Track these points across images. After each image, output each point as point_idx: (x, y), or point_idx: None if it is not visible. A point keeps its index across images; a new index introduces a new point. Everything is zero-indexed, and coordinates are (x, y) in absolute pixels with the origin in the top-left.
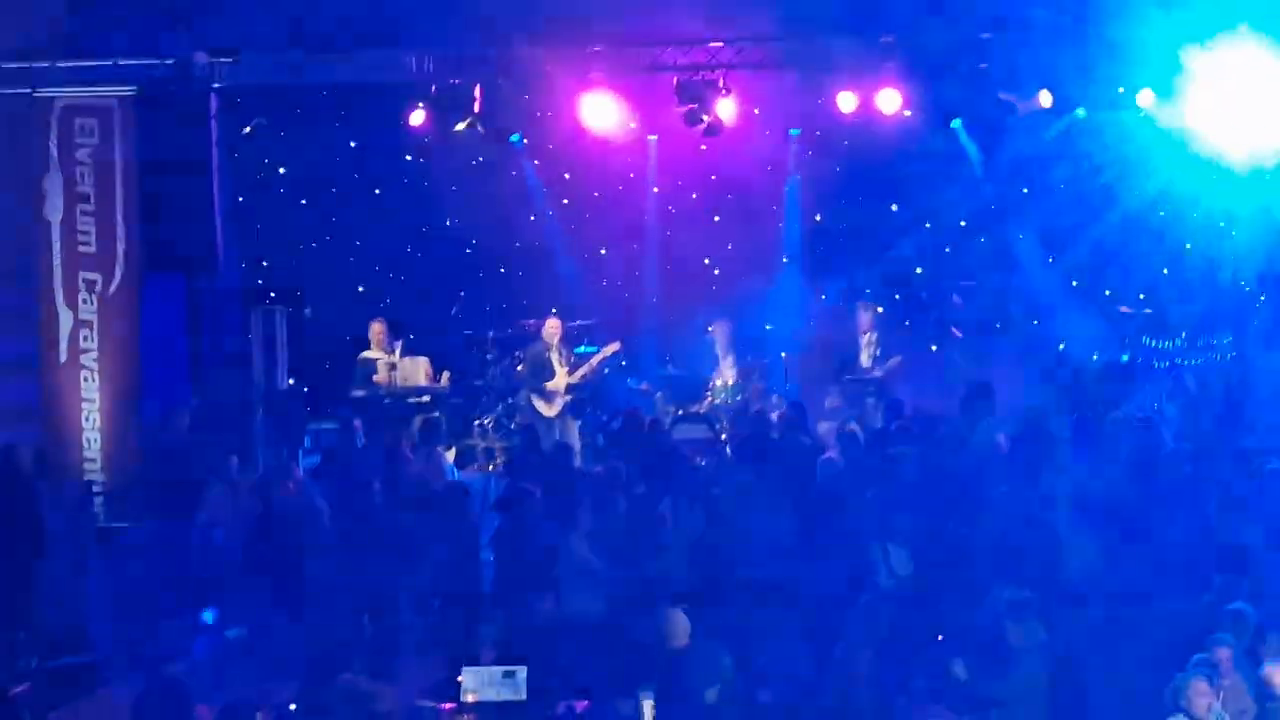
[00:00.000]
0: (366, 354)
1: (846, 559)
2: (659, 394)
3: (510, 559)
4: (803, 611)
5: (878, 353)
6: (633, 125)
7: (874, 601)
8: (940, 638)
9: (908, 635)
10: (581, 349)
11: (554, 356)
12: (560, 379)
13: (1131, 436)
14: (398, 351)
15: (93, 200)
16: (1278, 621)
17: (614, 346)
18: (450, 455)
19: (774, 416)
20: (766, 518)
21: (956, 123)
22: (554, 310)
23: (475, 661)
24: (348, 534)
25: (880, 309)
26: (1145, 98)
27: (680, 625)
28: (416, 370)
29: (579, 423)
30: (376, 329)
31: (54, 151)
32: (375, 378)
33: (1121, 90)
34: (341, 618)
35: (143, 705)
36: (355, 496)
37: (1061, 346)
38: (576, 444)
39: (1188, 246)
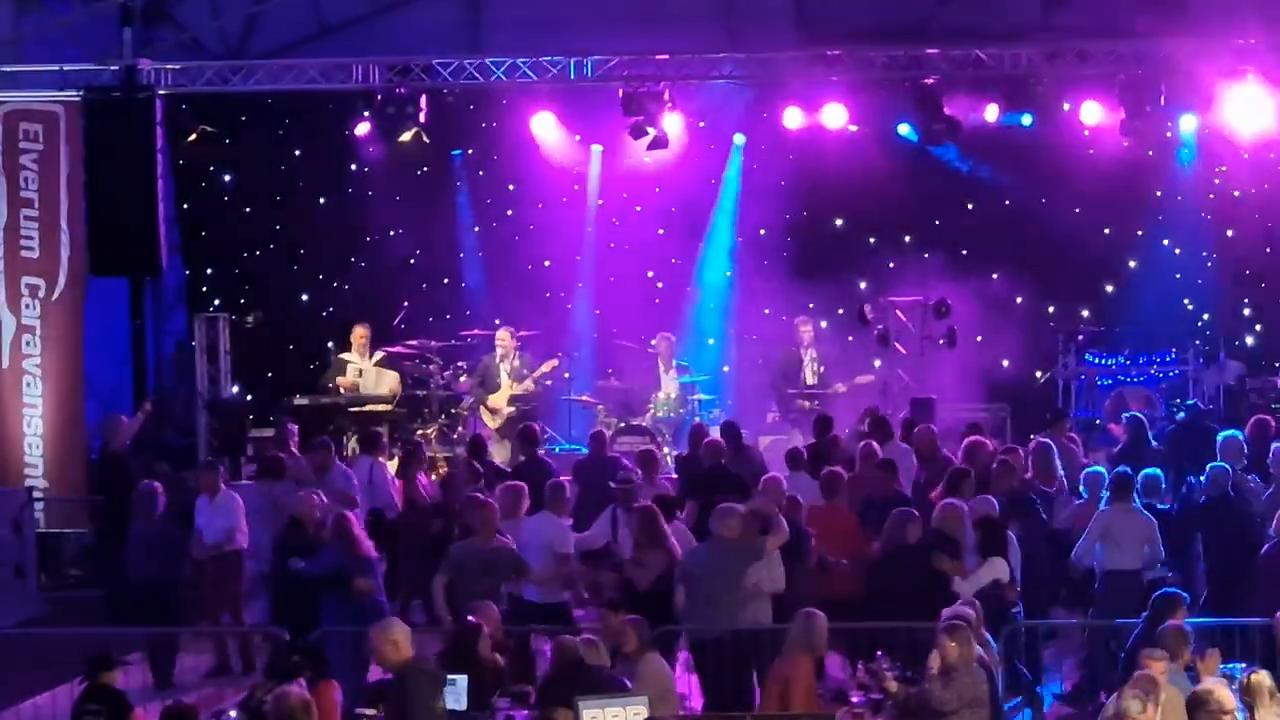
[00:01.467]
0: (345, 355)
1: None
2: (601, 406)
3: None
4: None
5: (820, 369)
6: (577, 138)
7: None
8: None
9: None
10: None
11: (503, 368)
12: (505, 391)
13: None
14: (372, 359)
15: (37, 205)
16: None
17: (551, 363)
18: (393, 466)
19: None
20: None
21: (906, 130)
22: (497, 321)
23: None
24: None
25: (824, 323)
26: (1091, 111)
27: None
28: (381, 383)
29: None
30: (359, 334)
31: None
32: (340, 379)
33: (1067, 106)
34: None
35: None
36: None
37: (1005, 364)
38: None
39: (1131, 264)
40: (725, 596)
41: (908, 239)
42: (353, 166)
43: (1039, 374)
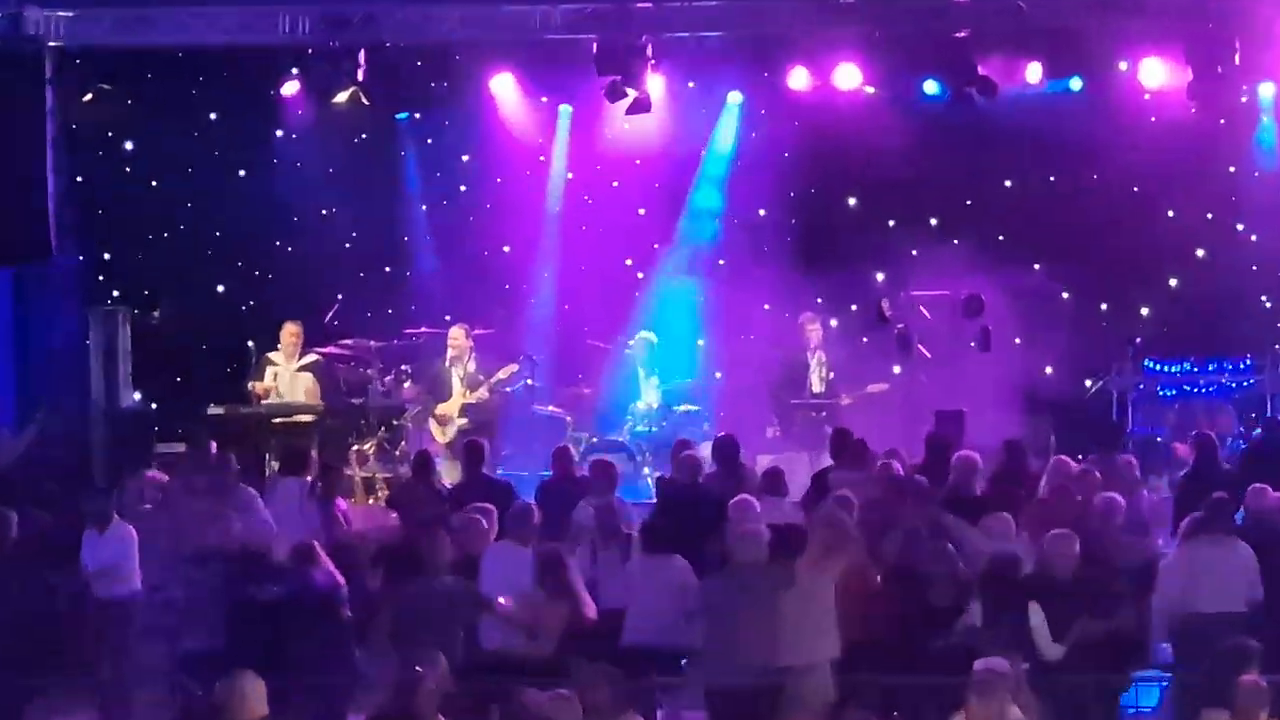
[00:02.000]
0: (270, 356)
1: None
2: (569, 418)
3: None
4: None
5: (829, 375)
6: (544, 101)
7: None
8: None
9: None
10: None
11: (455, 373)
12: (458, 400)
13: None
14: (298, 363)
15: None
16: None
17: (511, 368)
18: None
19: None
20: None
21: (933, 88)
22: (448, 317)
23: None
24: None
25: (834, 322)
26: (1152, 71)
27: None
28: (296, 388)
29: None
30: (290, 332)
31: None
32: (255, 384)
33: (1124, 66)
34: None
35: None
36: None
37: (1048, 371)
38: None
39: (1199, 254)
40: (749, 635)
41: (934, 222)
42: (278, 133)
43: (1089, 383)
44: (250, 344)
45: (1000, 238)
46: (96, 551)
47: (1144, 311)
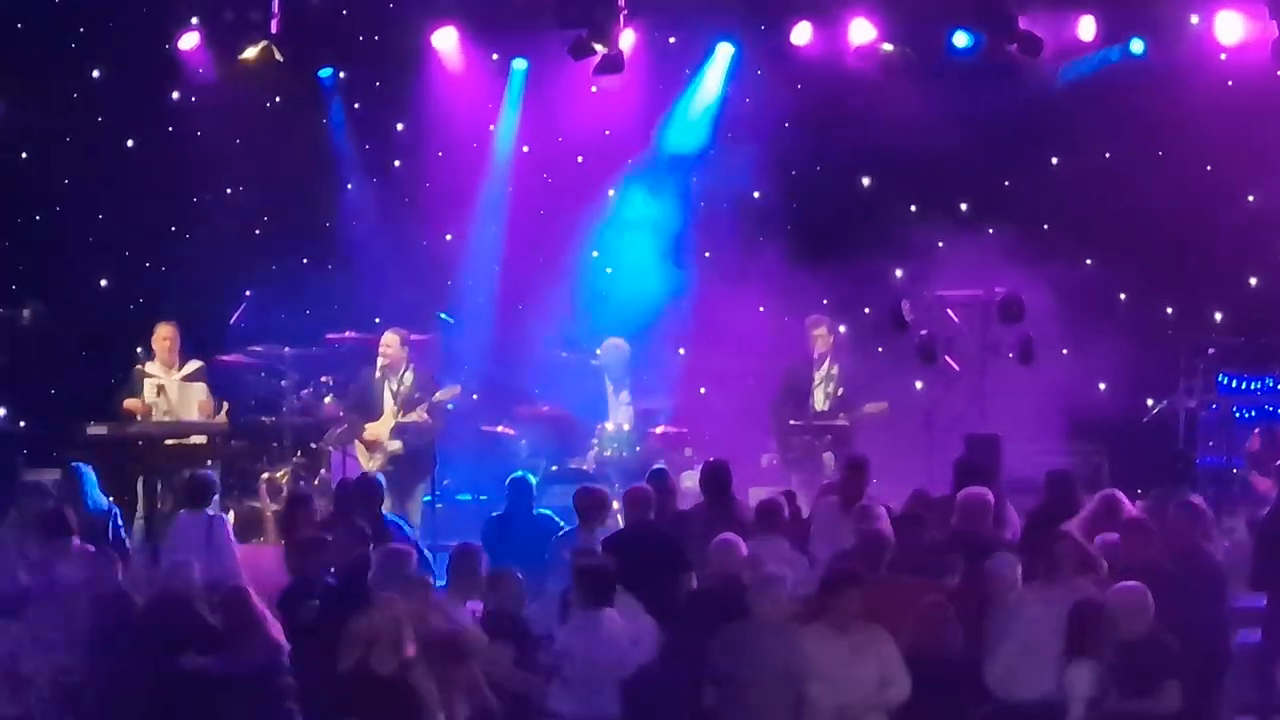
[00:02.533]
0: (144, 367)
1: None
2: (524, 441)
3: None
4: None
5: (838, 391)
6: (495, 58)
7: None
8: None
9: None
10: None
11: (387, 387)
12: (389, 419)
13: None
14: (181, 371)
15: None
16: None
17: (453, 390)
18: (229, 521)
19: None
20: None
21: (964, 42)
22: (377, 320)
23: None
24: None
25: (842, 328)
26: (1230, 26)
27: None
28: (188, 400)
29: (420, 483)
30: (164, 334)
31: None
32: (128, 402)
33: (1195, 20)
34: None
35: None
36: None
37: (1101, 388)
38: (414, 506)
39: None
40: (770, 703)
41: (964, 207)
42: (175, 95)
43: (1151, 403)
44: (140, 350)
45: (1044, 227)
46: None
47: (1218, 317)
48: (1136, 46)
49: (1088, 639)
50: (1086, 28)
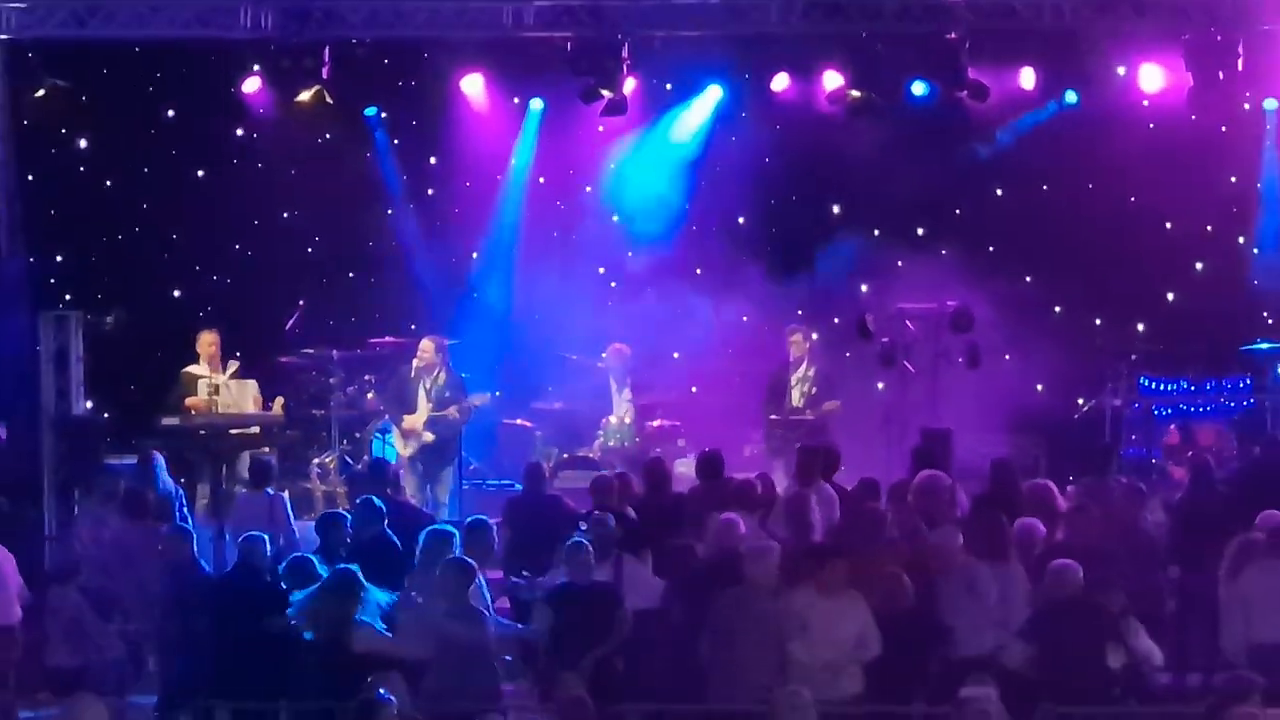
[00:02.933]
0: (192, 369)
1: None
2: (539, 433)
3: None
4: None
5: (812, 390)
6: (515, 102)
7: None
8: None
9: None
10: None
11: (422, 385)
12: (423, 413)
13: None
14: (228, 371)
15: None
16: None
17: (484, 397)
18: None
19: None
20: None
21: (921, 90)
22: (413, 326)
23: None
24: None
25: (815, 335)
26: (1151, 77)
27: None
28: (244, 396)
29: (445, 469)
30: (207, 340)
31: None
32: (190, 400)
33: (1121, 71)
34: None
35: None
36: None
37: (1039, 389)
38: (441, 491)
39: (1198, 266)
40: (758, 656)
41: (920, 232)
42: (238, 132)
43: (1081, 402)
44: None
45: (990, 249)
46: None
47: (1140, 327)
48: (1071, 97)
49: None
50: (1027, 78)
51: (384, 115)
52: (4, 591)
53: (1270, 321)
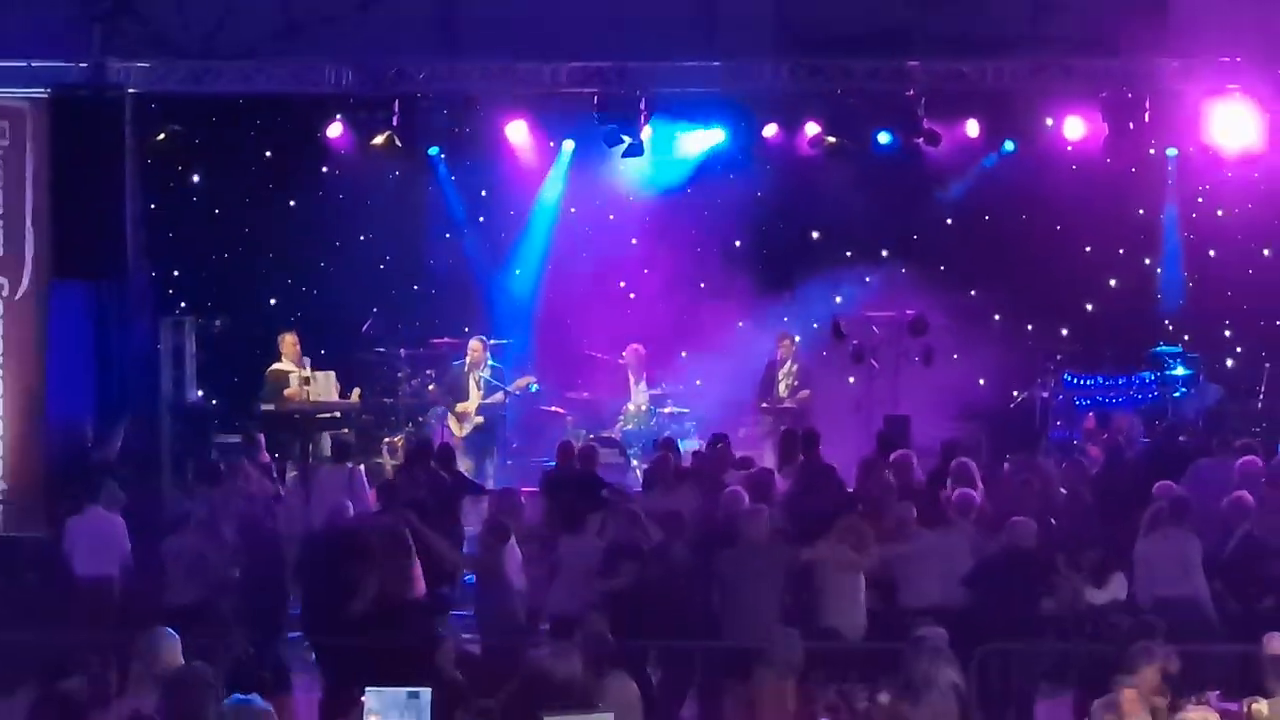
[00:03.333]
0: (278, 366)
1: None
2: (570, 418)
3: None
4: None
5: (795, 383)
6: (551, 145)
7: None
8: None
9: None
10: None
11: (472, 378)
12: (474, 401)
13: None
14: (308, 366)
15: (1, 204)
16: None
17: (526, 380)
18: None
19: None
20: None
21: (885, 138)
22: (467, 329)
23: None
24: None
25: (797, 338)
26: (1074, 127)
27: None
28: (328, 385)
29: (492, 447)
30: (289, 341)
31: None
32: (287, 391)
33: (1049, 122)
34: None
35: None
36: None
37: (982, 383)
38: (489, 465)
39: (1112, 283)
40: (758, 599)
41: (884, 253)
42: (324, 169)
43: (1016, 394)
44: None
45: (941, 267)
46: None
47: (1064, 332)
48: (1008, 144)
49: None
50: (973, 128)
51: (443, 155)
52: (111, 550)
53: (1170, 329)
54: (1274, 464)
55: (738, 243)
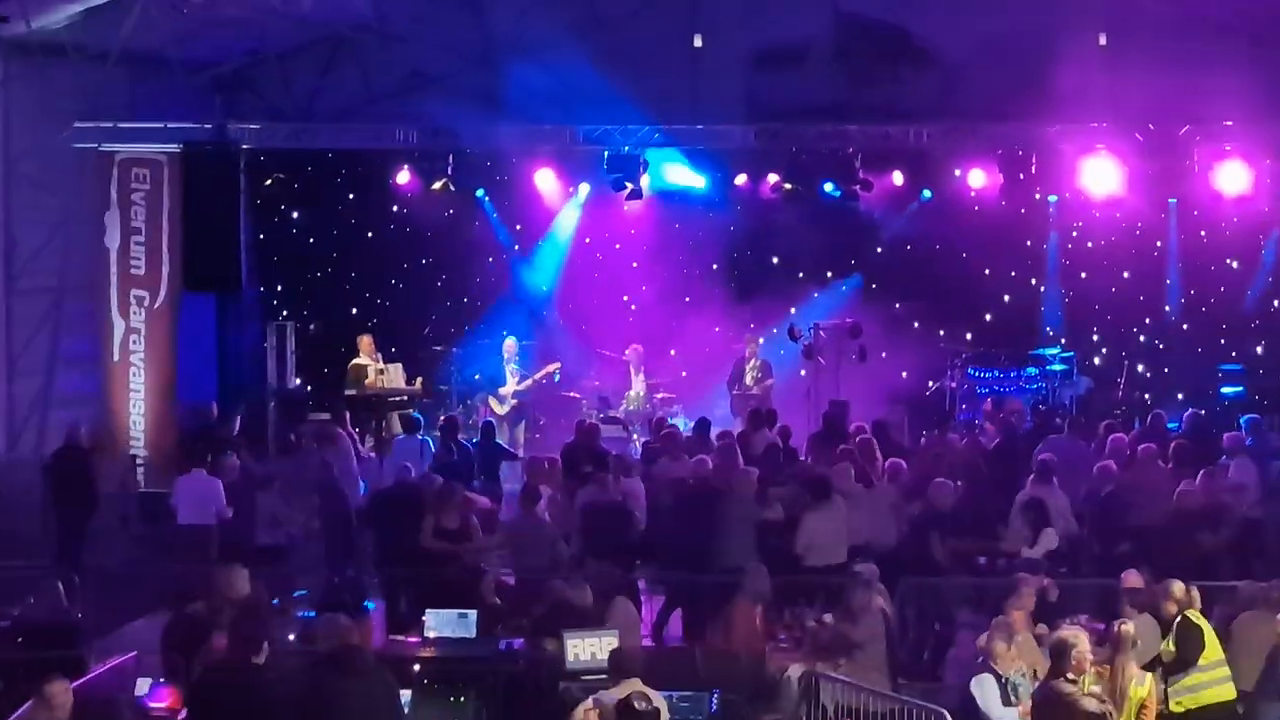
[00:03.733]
0: (357, 361)
1: None
2: (585, 401)
3: None
4: None
5: (758, 374)
6: (571, 190)
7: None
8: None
9: None
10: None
11: (508, 369)
12: (510, 386)
13: None
14: (381, 360)
15: (144, 233)
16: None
17: (554, 366)
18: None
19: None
20: None
21: (830, 188)
22: (505, 332)
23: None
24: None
25: (761, 340)
26: (976, 177)
27: None
28: (397, 376)
29: (522, 422)
30: (366, 341)
31: (114, 194)
32: (367, 381)
33: (957, 173)
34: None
35: (171, 631)
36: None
37: (904, 375)
38: (521, 436)
39: (1005, 298)
40: (739, 543)
41: (829, 274)
42: (394, 208)
43: (930, 384)
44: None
45: (873, 285)
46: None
47: (968, 336)
48: (926, 192)
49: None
50: (898, 178)
51: (488, 197)
52: (208, 505)
53: (1050, 333)
54: (1132, 437)
55: (715, 266)
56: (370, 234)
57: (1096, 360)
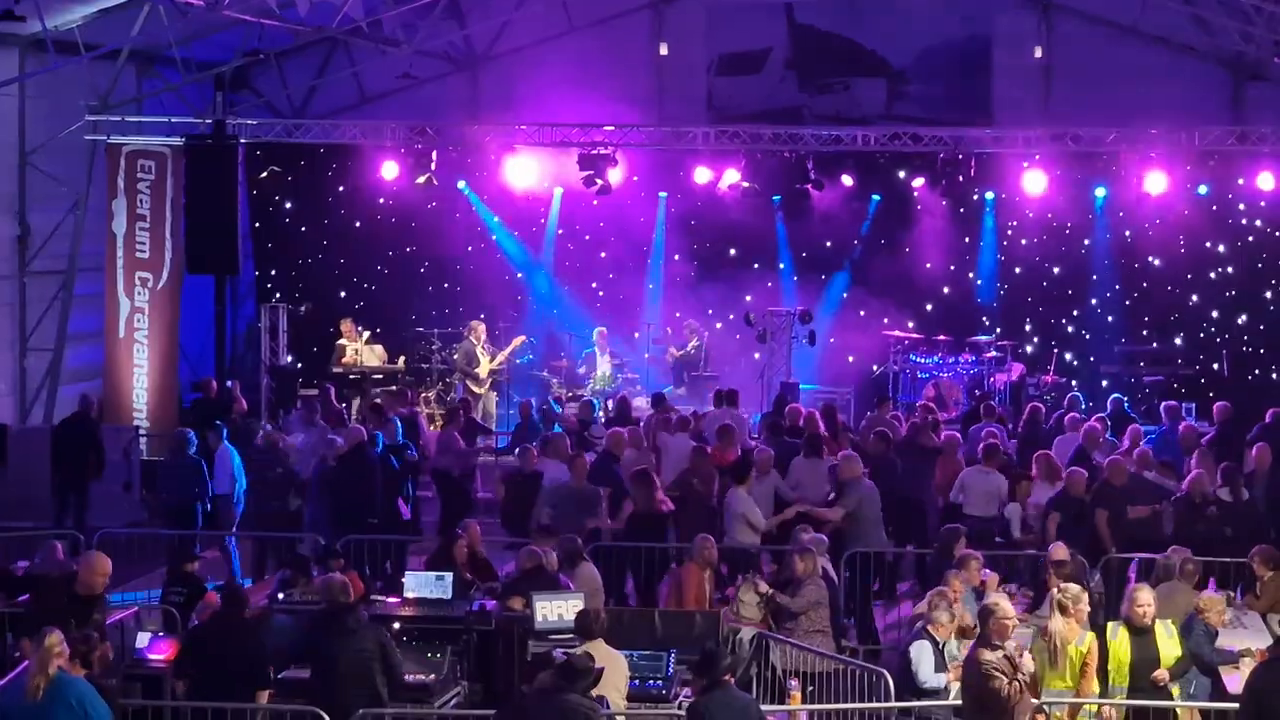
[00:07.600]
0: (342, 341)
1: None
2: (554, 380)
3: None
4: None
5: (707, 355)
6: (546, 184)
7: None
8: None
9: None
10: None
11: (479, 350)
12: (485, 366)
13: None
14: (362, 340)
15: (148, 220)
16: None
17: (520, 339)
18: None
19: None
20: None
21: (777, 198)
22: (481, 316)
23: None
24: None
25: (718, 325)
26: (920, 179)
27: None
28: (374, 355)
29: (495, 395)
30: (347, 325)
31: (121, 183)
32: (344, 359)
33: (902, 174)
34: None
35: (168, 588)
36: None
37: (850, 359)
38: (494, 411)
39: (945, 290)
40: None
41: (782, 266)
42: (381, 200)
43: (875, 368)
44: (359, 329)
45: (822, 276)
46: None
47: (910, 324)
48: (876, 195)
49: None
50: (848, 180)
51: (469, 189)
52: (224, 473)
53: (986, 323)
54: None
55: (676, 256)
56: (358, 223)
57: (1028, 348)
